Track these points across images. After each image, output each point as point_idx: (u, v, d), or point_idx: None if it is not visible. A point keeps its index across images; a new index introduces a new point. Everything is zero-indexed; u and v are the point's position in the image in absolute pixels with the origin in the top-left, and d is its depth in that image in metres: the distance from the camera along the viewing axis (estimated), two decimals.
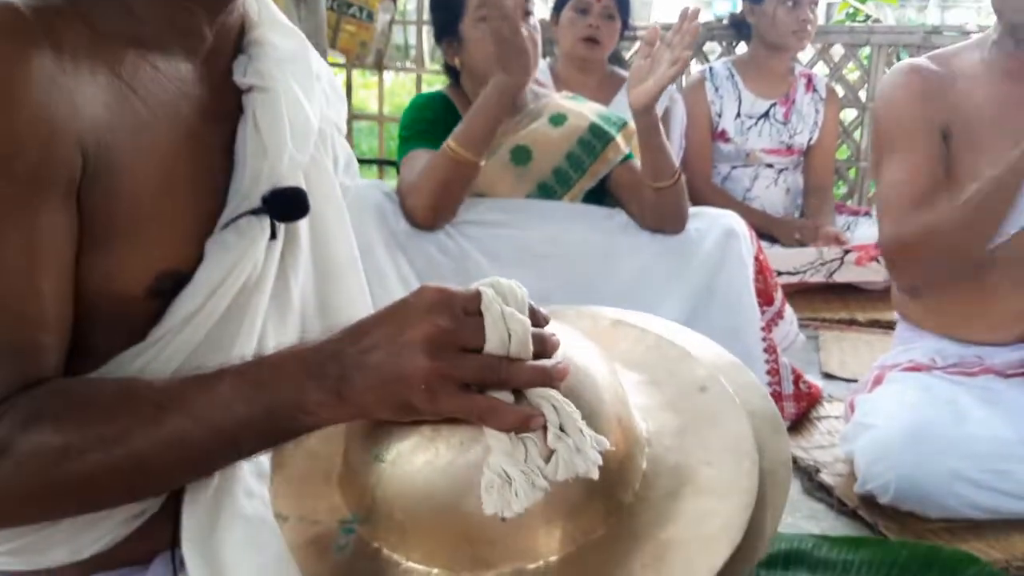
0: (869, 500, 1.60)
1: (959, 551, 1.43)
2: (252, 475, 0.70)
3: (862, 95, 3.55)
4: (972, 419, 1.54)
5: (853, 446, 1.63)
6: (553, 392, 0.62)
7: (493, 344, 0.61)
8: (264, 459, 0.72)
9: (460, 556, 0.63)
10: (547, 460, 0.60)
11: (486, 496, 0.60)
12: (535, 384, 0.62)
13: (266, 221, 0.75)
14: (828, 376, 2.31)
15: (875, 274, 2.84)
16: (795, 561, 1.44)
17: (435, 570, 0.64)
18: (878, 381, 1.71)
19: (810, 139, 3.04)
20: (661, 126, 1.85)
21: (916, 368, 1.67)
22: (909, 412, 1.55)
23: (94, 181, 0.66)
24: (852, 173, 3.67)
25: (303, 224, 0.82)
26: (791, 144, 3.01)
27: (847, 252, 2.83)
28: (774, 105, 2.99)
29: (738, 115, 2.98)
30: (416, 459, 0.63)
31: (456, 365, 0.60)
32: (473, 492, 0.60)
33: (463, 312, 0.61)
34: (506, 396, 0.61)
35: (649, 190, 1.88)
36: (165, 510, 0.74)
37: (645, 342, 0.78)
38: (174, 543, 0.72)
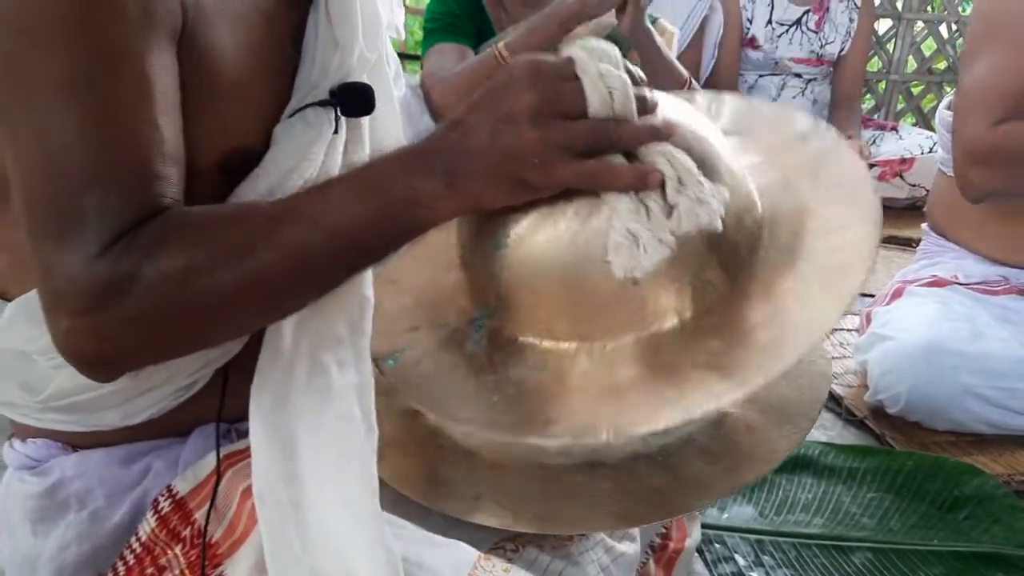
0: (877, 410, 1.62)
1: (963, 463, 1.46)
2: (324, 350, 0.70)
3: (899, 4, 3.44)
4: (989, 336, 1.54)
5: (867, 356, 1.64)
6: (666, 146, 0.59)
7: (596, 105, 0.58)
8: (342, 328, 0.71)
9: (594, 326, 0.62)
10: (669, 216, 0.59)
11: (614, 257, 0.59)
12: (645, 140, 0.60)
13: (332, 114, 0.74)
14: None
15: (897, 190, 2.81)
16: (802, 467, 1.47)
17: (571, 344, 0.63)
18: (897, 294, 1.70)
19: (841, 49, 2.96)
20: (655, 36, 1.80)
21: (938, 283, 1.66)
22: (926, 326, 1.55)
23: (190, 38, 0.65)
24: (881, 87, 3.58)
25: (366, 123, 0.81)
26: (822, 54, 2.93)
27: (871, 167, 2.80)
28: (807, 12, 2.90)
29: (769, 21, 2.89)
30: (538, 237, 0.62)
31: (565, 131, 0.58)
32: (600, 259, 0.59)
33: (558, 78, 0.59)
34: (617, 159, 0.59)
35: None
36: (213, 386, 0.75)
37: (734, 107, 0.76)
38: (219, 417, 0.74)
